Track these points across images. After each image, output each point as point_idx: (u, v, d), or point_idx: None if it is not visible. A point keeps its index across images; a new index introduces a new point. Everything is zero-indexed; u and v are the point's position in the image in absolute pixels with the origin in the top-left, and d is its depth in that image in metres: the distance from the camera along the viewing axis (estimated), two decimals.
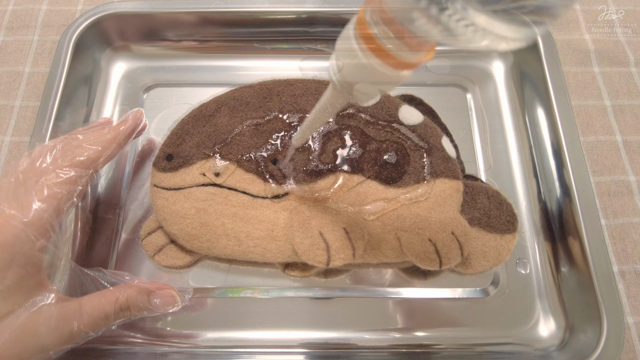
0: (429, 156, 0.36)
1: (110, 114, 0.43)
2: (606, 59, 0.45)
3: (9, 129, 0.41)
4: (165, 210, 0.34)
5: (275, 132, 0.36)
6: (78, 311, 0.26)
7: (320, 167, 0.35)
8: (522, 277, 0.36)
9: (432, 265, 0.31)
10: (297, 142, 0.31)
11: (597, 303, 0.32)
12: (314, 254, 0.31)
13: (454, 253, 0.32)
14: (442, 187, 0.35)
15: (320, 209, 0.33)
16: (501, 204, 0.35)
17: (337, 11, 0.44)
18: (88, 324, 0.26)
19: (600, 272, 0.33)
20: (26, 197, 0.26)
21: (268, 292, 0.35)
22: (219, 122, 0.37)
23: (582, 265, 0.34)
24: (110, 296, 0.28)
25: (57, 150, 0.29)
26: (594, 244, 0.34)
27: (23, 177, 0.27)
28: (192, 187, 0.34)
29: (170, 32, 0.45)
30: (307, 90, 0.38)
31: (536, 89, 0.42)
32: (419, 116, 0.37)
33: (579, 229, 0.35)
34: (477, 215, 0.35)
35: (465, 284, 0.36)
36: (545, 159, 0.40)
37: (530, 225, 0.38)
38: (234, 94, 0.39)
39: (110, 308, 0.27)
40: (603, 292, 0.33)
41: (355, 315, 0.35)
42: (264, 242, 0.32)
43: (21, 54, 0.45)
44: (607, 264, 0.34)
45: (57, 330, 0.25)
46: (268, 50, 0.46)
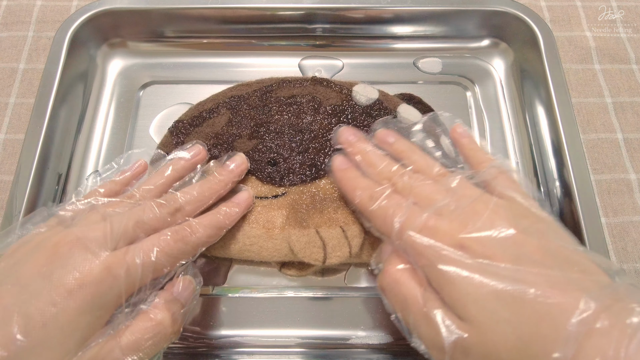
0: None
1: (106, 112, 0.42)
2: (607, 56, 0.45)
3: (3, 127, 0.41)
4: None
5: (273, 132, 0.36)
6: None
7: (318, 167, 0.34)
8: None
9: None
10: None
11: None
12: (310, 252, 0.31)
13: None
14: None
15: (318, 207, 0.33)
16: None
17: (335, 7, 0.43)
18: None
19: None
20: (134, 250, 0.25)
21: (266, 292, 0.35)
22: (217, 123, 0.37)
23: None
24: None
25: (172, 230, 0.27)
26: (594, 243, 0.34)
27: (134, 225, 0.26)
28: None
29: (167, 29, 0.45)
30: (306, 88, 0.38)
31: (536, 86, 0.42)
32: (418, 115, 0.37)
33: (579, 227, 0.35)
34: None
35: None
36: (546, 157, 0.39)
37: None
38: (232, 92, 0.39)
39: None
40: None
41: (354, 314, 0.34)
42: (261, 241, 0.32)
43: (15, 50, 0.45)
44: None
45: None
46: (266, 47, 0.46)
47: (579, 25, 0.47)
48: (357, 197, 0.28)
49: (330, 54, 0.45)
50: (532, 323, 0.20)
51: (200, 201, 0.29)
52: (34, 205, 0.35)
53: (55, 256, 0.24)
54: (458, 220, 0.24)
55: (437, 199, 0.25)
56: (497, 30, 0.45)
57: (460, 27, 0.45)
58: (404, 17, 0.44)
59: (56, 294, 0.22)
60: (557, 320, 0.20)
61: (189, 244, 0.27)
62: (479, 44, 0.46)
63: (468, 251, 0.22)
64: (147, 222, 0.27)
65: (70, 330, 0.22)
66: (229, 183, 0.31)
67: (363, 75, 0.44)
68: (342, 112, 0.37)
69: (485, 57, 0.46)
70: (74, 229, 0.25)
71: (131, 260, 0.25)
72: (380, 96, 0.37)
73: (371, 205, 0.27)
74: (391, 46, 0.46)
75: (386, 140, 0.31)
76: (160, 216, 0.27)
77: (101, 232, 0.25)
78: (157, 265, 0.25)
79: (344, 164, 0.31)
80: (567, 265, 0.22)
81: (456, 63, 0.45)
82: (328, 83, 0.39)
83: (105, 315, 0.24)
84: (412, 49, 0.46)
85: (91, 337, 0.23)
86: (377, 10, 0.43)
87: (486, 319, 0.21)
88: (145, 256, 0.25)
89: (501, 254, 0.22)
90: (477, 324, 0.21)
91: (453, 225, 0.23)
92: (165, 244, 0.26)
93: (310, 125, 0.36)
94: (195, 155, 0.32)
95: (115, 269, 0.24)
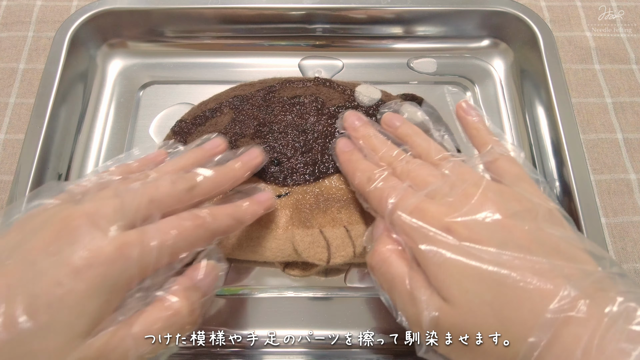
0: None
1: (106, 112, 0.42)
2: (607, 56, 0.45)
3: (3, 127, 0.41)
4: None
5: (277, 132, 0.36)
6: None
7: (322, 167, 0.34)
8: None
9: None
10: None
11: None
12: (315, 252, 0.31)
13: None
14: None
15: (321, 207, 0.33)
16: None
17: (335, 8, 0.43)
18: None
19: None
20: (149, 231, 0.23)
21: (266, 292, 0.35)
22: (220, 122, 0.37)
23: None
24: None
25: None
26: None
27: (148, 203, 0.24)
28: None
29: (166, 29, 0.45)
30: (309, 89, 0.38)
31: (536, 86, 0.42)
32: (421, 114, 0.37)
33: (579, 227, 0.35)
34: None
35: None
36: (546, 157, 0.39)
37: None
38: (235, 92, 0.39)
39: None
40: None
41: (354, 314, 0.34)
42: (264, 241, 0.32)
43: (15, 50, 0.44)
44: None
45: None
46: (266, 47, 0.46)
47: (579, 25, 0.47)
48: (357, 178, 0.29)
49: (330, 54, 0.45)
50: (512, 307, 0.20)
51: (215, 182, 0.28)
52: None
53: (64, 233, 0.22)
54: (448, 203, 0.24)
55: (431, 182, 0.26)
56: (497, 30, 0.45)
57: (460, 27, 0.45)
58: (404, 17, 0.44)
59: (63, 274, 0.21)
60: (536, 306, 0.20)
61: (209, 230, 0.25)
62: (479, 44, 0.46)
63: (454, 234, 0.22)
64: (162, 199, 0.25)
65: (77, 314, 0.21)
66: (244, 173, 0.30)
67: (363, 75, 0.44)
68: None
69: (485, 57, 0.46)
70: (84, 205, 0.24)
71: (146, 241, 0.23)
72: (382, 96, 0.38)
73: (369, 187, 0.27)
74: (391, 46, 0.46)
75: (392, 123, 0.32)
76: (175, 193, 0.25)
77: (112, 208, 0.23)
78: (174, 249, 0.24)
79: (347, 146, 0.32)
80: (554, 253, 0.22)
81: (456, 63, 0.45)
82: (331, 84, 0.39)
83: (115, 299, 0.22)
84: (413, 49, 0.46)
85: (100, 322, 0.21)
86: (377, 10, 0.43)
87: (468, 301, 0.21)
88: (162, 238, 0.23)
89: (487, 238, 0.22)
90: (459, 305, 0.21)
91: (442, 209, 0.24)
92: (184, 227, 0.24)
93: (313, 126, 0.36)
94: (215, 147, 0.31)
95: (128, 249, 0.22)
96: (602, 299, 0.20)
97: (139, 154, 0.32)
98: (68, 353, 0.20)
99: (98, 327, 0.21)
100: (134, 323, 0.22)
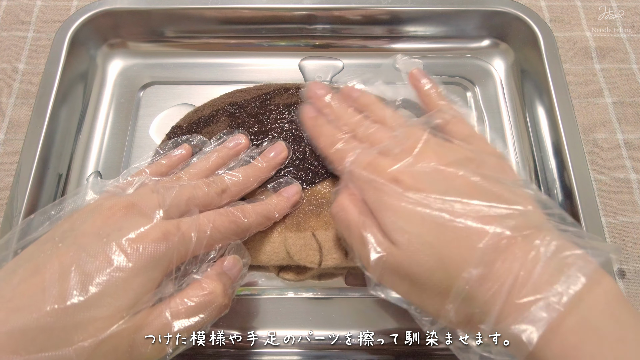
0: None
1: (107, 112, 0.42)
2: (607, 56, 0.45)
3: (3, 127, 0.41)
4: None
5: (272, 139, 0.36)
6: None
7: (316, 173, 0.35)
8: None
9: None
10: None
11: None
12: (306, 255, 0.31)
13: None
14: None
15: (315, 212, 0.33)
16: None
17: (335, 8, 0.43)
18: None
19: None
20: (189, 221, 0.26)
21: (266, 292, 0.35)
22: (216, 130, 0.37)
23: None
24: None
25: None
26: None
27: (187, 200, 0.27)
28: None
29: (167, 29, 0.45)
30: (303, 95, 0.38)
31: (537, 86, 0.42)
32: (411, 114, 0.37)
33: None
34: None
35: None
36: (546, 157, 0.39)
37: None
38: (231, 99, 0.39)
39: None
40: None
41: (354, 314, 0.34)
42: (260, 245, 0.32)
43: (15, 50, 0.45)
44: (607, 262, 0.33)
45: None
46: (266, 47, 0.46)
47: (579, 25, 0.47)
48: (322, 142, 0.31)
49: (330, 54, 0.45)
50: (452, 246, 0.22)
51: (244, 184, 0.31)
52: (35, 206, 0.35)
53: (112, 219, 0.25)
54: (395, 157, 0.26)
55: (385, 142, 0.28)
56: (497, 30, 0.45)
57: (461, 27, 0.45)
58: (404, 17, 0.44)
59: (113, 254, 0.23)
60: (472, 244, 0.22)
61: (240, 226, 0.29)
62: (479, 44, 0.46)
63: (401, 184, 0.25)
64: (199, 199, 0.28)
65: (123, 290, 0.23)
66: (271, 170, 0.34)
67: (363, 75, 0.44)
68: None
69: (485, 57, 0.46)
70: (128, 196, 0.27)
71: (186, 229, 0.25)
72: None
73: (332, 149, 0.30)
74: (391, 46, 0.46)
75: (351, 95, 0.33)
76: (209, 194, 0.29)
77: (155, 201, 0.26)
78: (210, 239, 0.27)
79: (312, 112, 0.33)
80: (494, 197, 0.24)
81: (456, 63, 0.45)
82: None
83: (157, 278, 0.24)
84: (413, 49, 0.46)
85: (142, 297, 0.23)
86: (377, 10, 0.43)
87: (411, 242, 0.23)
88: (200, 228, 0.26)
89: (430, 186, 0.24)
90: (404, 246, 0.23)
91: (390, 162, 0.26)
92: (220, 222, 0.27)
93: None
94: (239, 144, 0.34)
95: (170, 234, 0.25)
96: (534, 236, 0.22)
97: (140, 165, 0.34)
98: (113, 324, 0.22)
99: (140, 302, 0.23)
100: (172, 300, 0.25)
